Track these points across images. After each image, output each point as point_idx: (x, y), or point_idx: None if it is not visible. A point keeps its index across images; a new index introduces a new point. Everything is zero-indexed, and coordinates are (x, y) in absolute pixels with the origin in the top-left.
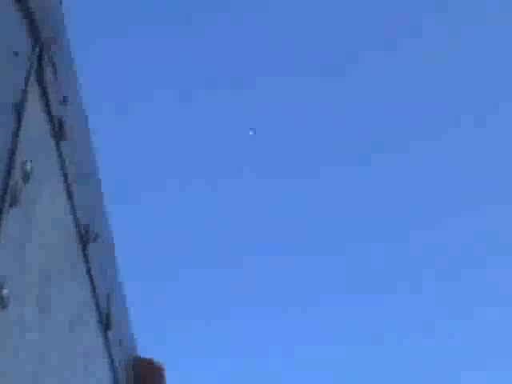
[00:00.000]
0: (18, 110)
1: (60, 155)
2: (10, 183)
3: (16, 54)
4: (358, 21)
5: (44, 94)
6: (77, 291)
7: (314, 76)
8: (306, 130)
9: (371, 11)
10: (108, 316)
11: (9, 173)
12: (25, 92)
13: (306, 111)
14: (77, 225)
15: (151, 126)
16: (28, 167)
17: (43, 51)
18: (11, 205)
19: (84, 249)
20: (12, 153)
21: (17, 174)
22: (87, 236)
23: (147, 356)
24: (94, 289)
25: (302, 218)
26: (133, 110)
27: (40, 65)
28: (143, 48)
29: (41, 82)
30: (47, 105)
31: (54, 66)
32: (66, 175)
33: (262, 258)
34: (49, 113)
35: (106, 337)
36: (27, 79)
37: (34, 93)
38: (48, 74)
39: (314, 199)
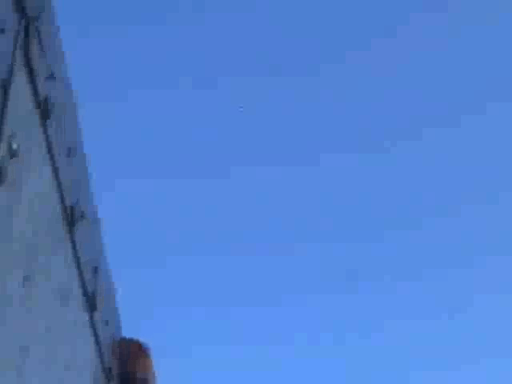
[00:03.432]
0: (5, 85)
1: (46, 132)
2: None
3: (2, 30)
4: (350, 17)
5: (30, 69)
6: (62, 268)
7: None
8: (302, 121)
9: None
10: (94, 295)
11: None
12: (11, 67)
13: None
14: (63, 202)
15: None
16: (14, 144)
17: (29, 26)
18: None
19: (70, 228)
20: None
21: (3, 149)
22: (73, 215)
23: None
24: (79, 267)
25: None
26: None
27: (26, 40)
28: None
29: (27, 57)
30: (34, 81)
31: (40, 41)
32: (51, 152)
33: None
34: (35, 90)
35: (91, 315)
36: (14, 54)
37: (20, 68)
38: (34, 50)
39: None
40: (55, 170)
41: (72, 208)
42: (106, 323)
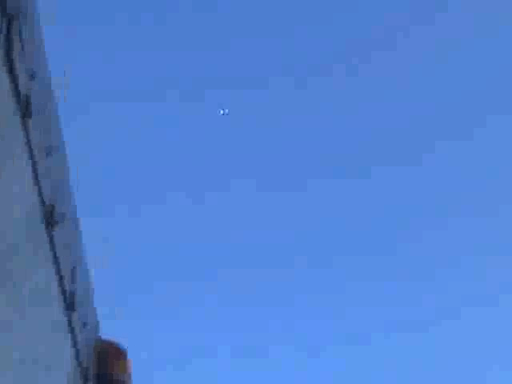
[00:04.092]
0: None
1: (26, 131)
2: None
3: None
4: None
5: (11, 67)
6: (40, 268)
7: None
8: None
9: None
10: (72, 296)
11: None
12: None
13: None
14: (42, 202)
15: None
16: None
17: (11, 24)
18: None
19: (49, 229)
20: None
21: None
22: (52, 216)
23: (111, 339)
24: (58, 268)
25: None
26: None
27: (7, 37)
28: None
29: (8, 54)
30: (15, 80)
31: (21, 39)
32: (31, 151)
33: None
34: (16, 89)
35: (69, 316)
36: None
37: (0, 66)
38: (15, 47)
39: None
40: (35, 170)
41: (51, 209)
42: (84, 324)
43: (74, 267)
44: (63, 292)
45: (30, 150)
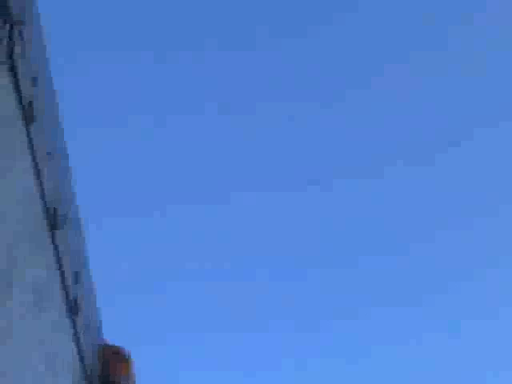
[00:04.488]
0: None
1: (29, 136)
2: None
3: None
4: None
5: (14, 72)
6: (43, 272)
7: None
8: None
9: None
10: (76, 301)
11: None
12: None
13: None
14: (45, 206)
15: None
16: None
17: (13, 29)
18: None
19: (52, 232)
20: None
21: None
22: (55, 219)
23: (116, 343)
24: (61, 272)
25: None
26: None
27: (10, 42)
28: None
29: (11, 59)
30: (17, 85)
31: (24, 44)
32: (34, 155)
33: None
34: (19, 94)
35: (73, 321)
36: None
37: (3, 71)
38: (18, 52)
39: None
40: (38, 173)
41: (54, 212)
42: (88, 327)
43: (77, 270)
44: (66, 295)
45: (33, 154)
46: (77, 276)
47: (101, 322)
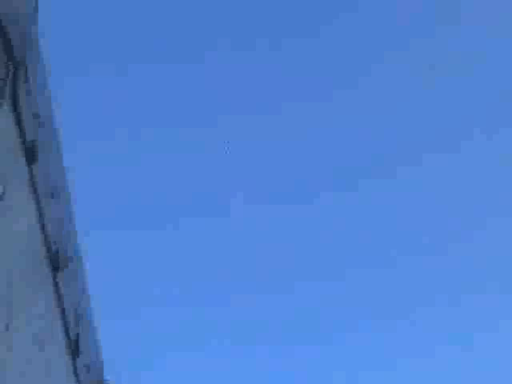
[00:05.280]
0: None
1: (32, 175)
2: None
3: None
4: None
5: (18, 114)
6: (44, 312)
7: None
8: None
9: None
10: (76, 341)
11: None
12: None
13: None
14: (47, 246)
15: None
16: (0, 187)
17: (17, 70)
18: None
19: (54, 273)
20: None
21: None
22: (57, 260)
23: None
24: (62, 312)
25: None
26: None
27: (14, 83)
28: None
29: (15, 101)
30: (21, 125)
31: (28, 85)
32: (37, 194)
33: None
34: (22, 134)
35: (74, 361)
36: (2, 97)
37: (7, 111)
38: (22, 93)
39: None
40: (40, 212)
41: (56, 253)
42: (88, 368)
43: (78, 311)
44: (67, 336)
45: (36, 194)
46: (78, 317)
47: (102, 362)
